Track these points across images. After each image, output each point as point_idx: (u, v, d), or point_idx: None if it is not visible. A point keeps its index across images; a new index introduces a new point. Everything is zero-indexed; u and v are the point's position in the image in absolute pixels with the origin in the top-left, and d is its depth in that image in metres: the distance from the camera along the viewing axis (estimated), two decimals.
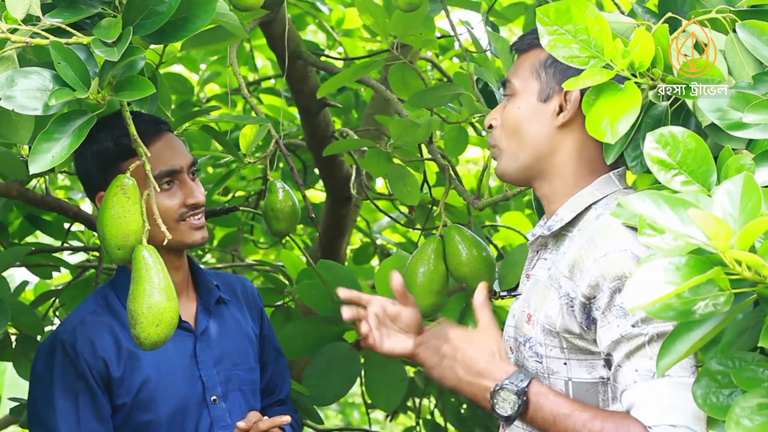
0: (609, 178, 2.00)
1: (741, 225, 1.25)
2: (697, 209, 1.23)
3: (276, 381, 2.67)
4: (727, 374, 1.45)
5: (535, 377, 1.93)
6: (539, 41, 1.98)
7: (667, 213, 1.27)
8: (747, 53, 1.65)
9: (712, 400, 1.47)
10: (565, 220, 1.99)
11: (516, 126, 2.02)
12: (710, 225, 1.22)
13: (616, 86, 1.63)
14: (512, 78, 2.05)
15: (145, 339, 1.93)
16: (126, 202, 1.96)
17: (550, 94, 1.99)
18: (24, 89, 1.79)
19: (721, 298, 1.31)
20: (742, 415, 1.34)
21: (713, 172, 1.48)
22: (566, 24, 1.65)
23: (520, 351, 2.01)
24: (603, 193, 1.98)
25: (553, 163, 2.01)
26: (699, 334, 1.40)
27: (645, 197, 1.30)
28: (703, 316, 1.32)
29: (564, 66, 1.94)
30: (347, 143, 3.25)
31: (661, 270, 1.28)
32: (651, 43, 1.58)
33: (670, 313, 1.33)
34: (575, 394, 1.94)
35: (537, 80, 2.01)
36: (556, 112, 1.99)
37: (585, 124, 1.94)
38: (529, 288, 2.05)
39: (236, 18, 2.08)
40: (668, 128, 1.51)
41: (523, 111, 2.01)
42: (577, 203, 1.99)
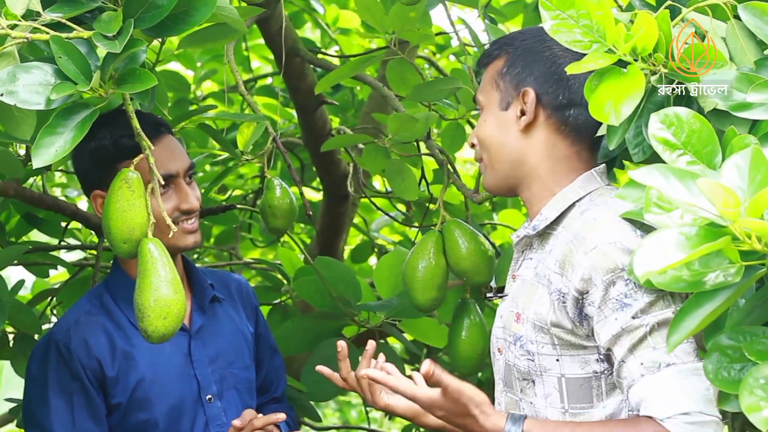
0: (591, 176, 2.01)
1: (750, 196, 1.25)
2: (705, 179, 1.23)
3: (271, 379, 2.67)
4: (738, 348, 1.46)
5: (528, 417, 1.92)
6: (496, 52, 2.05)
7: (675, 185, 1.28)
8: (748, 39, 1.66)
9: (723, 375, 1.47)
10: (550, 218, 2.00)
11: (486, 139, 2.05)
12: (719, 194, 1.22)
13: (618, 70, 1.64)
14: (478, 94, 2.08)
15: (153, 332, 1.93)
16: (131, 195, 1.96)
17: (510, 101, 2.02)
18: (26, 84, 1.79)
19: (731, 269, 1.32)
20: (755, 385, 1.35)
21: (718, 152, 1.48)
22: (569, 9, 1.65)
23: (510, 351, 2.01)
24: (586, 191, 2.00)
25: (527, 168, 2.03)
26: (708, 309, 1.40)
27: (652, 170, 1.30)
28: (713, 286, 1.32)
29: (517, 70, 2.01)
30: (345, 139, 3.26)
31: (672, 239, 1.28)
32: (654, 27, 1.59)
33: (681, 284, 1.33)
34: (569, 390, 1.94)
35: (497, 90, 2.04)
36: (517, 117, 2.01)
37: (551, 124, 1.99)
38: (516, 288, 2.05)
39: (236, 12, 2.08)
40: (672, 109, 1.51)
41: (489, 123, 2.04)
42: (561, 201, 2.00)
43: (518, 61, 2.01)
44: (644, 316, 1.81)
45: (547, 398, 1.96)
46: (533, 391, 1.98)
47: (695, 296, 1.43)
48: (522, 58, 2.01)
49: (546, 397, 1.96)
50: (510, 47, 2.04)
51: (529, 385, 1.98)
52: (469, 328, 2.68)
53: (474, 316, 2.69)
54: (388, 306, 3.01)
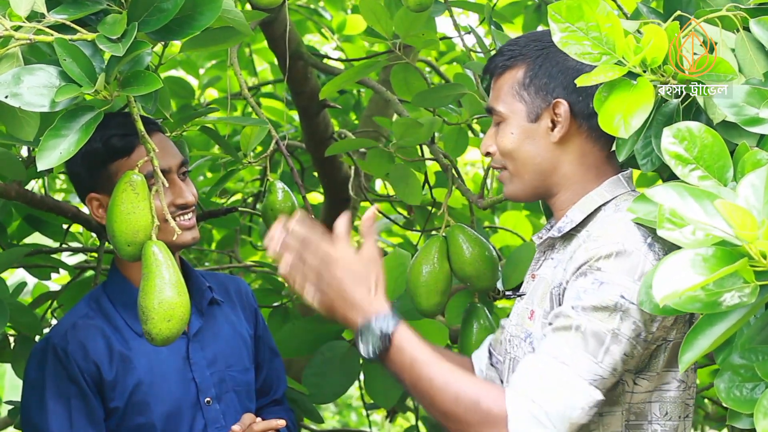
0: (618, 180, 2.02)
1: (766, 216, 1.25)
2: (722, 200, 1.23)
3: (271, 381, 2.66)
4: (750, 368, 1.45)
5: (403, 325, 1.90)
6: (510, 61, 2.03)
7: (690, 204, 1.28)
8: (757, 50, 1.66)
9: (735, 393, 1.47)
10: (575, 221, 2.01)
11: (513, 151, 2.04)
12: (737, 216, 1.22)
13: (628, 82, 1.64)
14: (495, 105, 2.06)
15: (156, 335, 1.93)
16: (135, 198, 1.96)
17: (539, 113, 2.02)
18: (30, 86, 1.78)
19: (746, 290, 1.31)
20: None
21: (730, 167, 1.48)
22: (578, 21, 1.65)
23: (520, 347, 2.03)
24: (612, 195, 2.01)
25: (558, 177, 2.04)
26: (722, 329, 1.40)
27: (668, 189, 1.30)
28: (729, 308, 1.31)
29: (542, 81, 2.00)
30: (348, 143, 3.25)
31: (688, 261, 1.28)
32: (663, 39, 1.59)
33: (696, 305, 1.33)
34: None
35: (521, 102, 2.03)
36: (549, 128, 2.01)
37: (583, 132, 1.99)
38: (533, 287, 2.07)
39: (242, 15, 2.08)
40: (685, 123, 1.52)
41: (517, 135, 2.03)
42: (587, 204, 2.01)
43: (542, 72, 2.01)
44: (582, 314, 1.82)
45: None
46: None
47: (708, 315, 1.43)
48: (545, 68, 2.01)
49: None
50: (526, 57, 2.03)
51: None
52: (479, 333, 2.68)
53: (483, 320, 2.70)
54: None
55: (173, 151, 2.40)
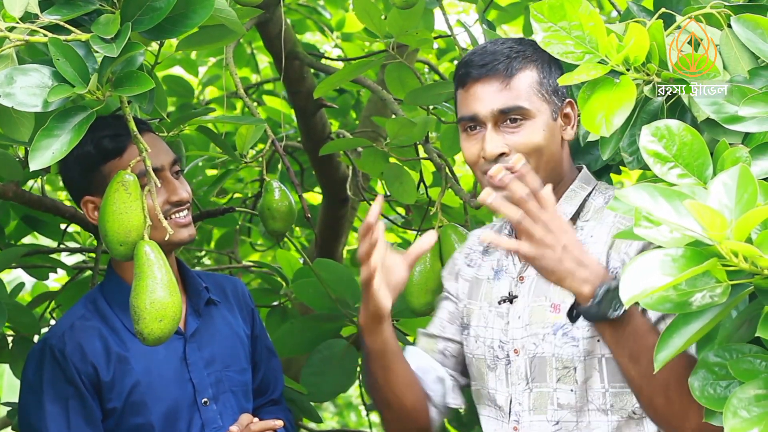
0: (587, 173, 2.15)
1: (737, 216, 1.26)
2: (692, 200, 1.24)
3: (269, 381, 2.66)
4: (724, 366, 1.46)
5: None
6: (524, 62, 2.06)
7: (662, 205, 1.28)
8: (742, 48, 1.66)
9: (709, 391, 1.47)
10: (569, 213, 2.09)
11: (544, 147, 2.06)
12: (706, 216, 1.23)
13: (611, 81, 1.64)
14: (521, 103, 2.05)
15: (148, 335, 1.93)
16: (127, 198, 1.97)
17: (557, 112, 2.09)
18: (23, 86, 1.79)
19: (717, 289, 1.32)
20: (739, 406, 1.35)
21: (709, 165, 1.49)
22: (560, 20, 1.66)
23: (547, 342, 2.04)
24: (590, 185, 2.13)
25: (557, 174, 2.11)
26: (696, 327, 1.40)
27: (640, 190, 1.31)
28: (700, 307, 1.32)
29: (553, 82, 2.05)
30: (344, 142, 3.26)
31: (657, 262, 1.28)
32: (645, 37, 1.59)
33: (667, 305, 1.33)
34: (609, 370, 2.00)
35: (545, 101, 2.07)
36: (562, 127, 2.10)
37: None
38: (532, 285, 2.10)
39: (235, 14, 2.09)
40: (664, 121, 1.52)
41: (548, 132, 2.07)
42: (573, 198, 2.11)
43: (552, 72, 2.08)
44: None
45: (587, 381, 2.01)
46: (573, 378, 2.02)
47: (683, 314, 1.43)
48: (554, 69, 2.08)
49: (586, 381, 2.01)
50: (535, 59, 2.07)
51: (569, 373, 2.03)
52: None
53: None
54: None
55: (165, 150, 2.40)
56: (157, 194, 2.31)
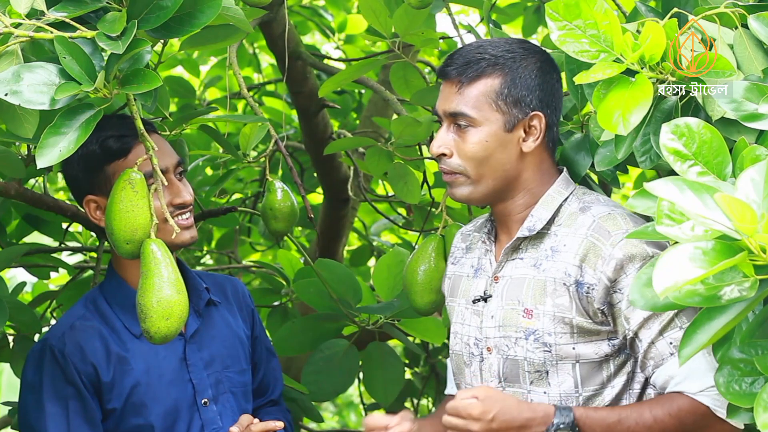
0: (566, 178, 2.15)
1: (766, 210, 1.25)
2: (722, 193, 1.23)
3: (268, 381, 2.66)
4: (749, 362, 1.47)
5: (575, 407, 2.01)
6: (485, 70, 2.06)
7: (690, 198, 1.28)
8: (756, 47, 1.67)
9: (734, 388, 1.48)
10: (545, 219, 2.09)
11: (485, 157, 2.07)
12: (736, 209, 1.22)
13: (626, 79, 1.65)
14: (465, 109, 2.07)
15: (155, 333, 1.93)
16: (134, 196, 1.96)
17: (515, 123, 2.07)
18: (30, 84, 1.79)
19: (746, 284, 1.32)
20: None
21: (728, 163, 1.49)
22: (575, 19, 1.66)
23: (519, 346, 2.06)
24: (568, 191, 2.12)
25: (518, 183, 2.11)
26: (721, 323, 1.41)
27: (668, 182, 1.31)
28: (728, 301, 1.32)
29: (521, 93, 2.05)
30: (346, 142, 3.26)
31: (688, 255, 1.28)
32: (662, 35, 1.59)
33: (696, 299, 1.33)
34: (582, 375, 2.03)
35: (498, 111, 2.07)
36: (521, 138, 2.08)
37: (543, 141, 2.07)
38: (506, 287, 2.12)
39: (242, 13, 2.08)
40: (684, 119, 1.52)
41: (492, 143, 2.07)
42: (550, 203, 2.11)
43: (520, 83, 2.06)
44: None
45: (560, 386, 2.04)
46: (546, 381, 2.05)
47: (707, 309, 1.44)
48: (522, 79, 2.06)
49: (560, 385, 2.04)
50: (502, 66, 2.07)
51: (542, 376, 2.06)
52: None
53: None
54: (388, 307, 3.01)
55: (169, 151, 2.40)
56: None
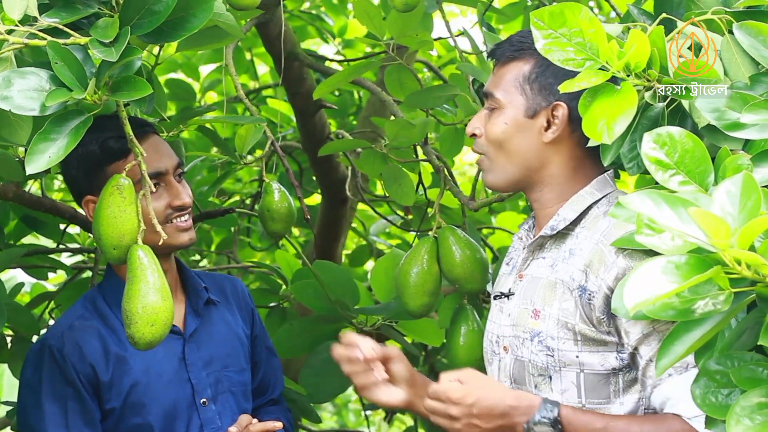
0: (605, 179, 2.05)
1: (741, 224, 1.26)
2: (696, 208, 1.23)
3: (268, 381, 2.66)
4: (725, 374, 1.46)
5: (562, 405, 1.95)
6: (519, 53, 2.04)
7: (665, 212, 1.28)
8: (743, 54, 1.66)
9: (710, 399, 1.47)
10: (569, 219, 2.03)
11: (503, 141, 2.05)
12: (710, 223, 1.22)
13: (611, 87, 1.64)
14: (494, 91, 2.07)
15: (140, 339, 1.93)
16: (122, 201, 1.96)
17: (537, 110, 2.03)
18: (21, 89, 1.79)
19: (720, 297, 1.32)
20: (742, 414, 1.35)
21: (711, 172, 1.48)
22: (561, 27, 1.65)
23: (525, 347, 2.03)
24: (602, 193, 2.04)
25: (543, 175, 2.06)
26: (697, 335, 1.40)
27: (643, 196, 1.31)
28: (702, 315, 1.32)
29: (548, 80, 2.01)
30: (343, 143, 3.26)
31: (660, 269, 1.28)
32: (646, 43, 1.58)
33: (670, 312, 1.33)
34: (586, 386, 1.97)
35: (522, 95, 2.03)
36: (543, 128, 2.03)
37: (575, 137, 2.01)
38: (526, 286, 2.07)
39: (233, 18, 2.08)
40: (666, 128, 1.51)
41: (511, 127, 2.04)
42: (579, 203, 2.03)
43: (549, 71, 2.02)
44: None
45: (563, 393, 1.99)
46: (549, 387, 2.01)
47: (684, 321, 1.43)
48: (553, 68, 1.99)
49: (562, 392, 1.99)
50: (534, 51, 1.98)
51: (545, 381, 2.01)
52: (466, 335, 2.68)
53: (472, 322, 2.70)
54: (386, 309, 3.01)
55: (169, 153, 2.40)
56: (158, 198, 2.33)
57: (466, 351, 2.68)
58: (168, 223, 2.35)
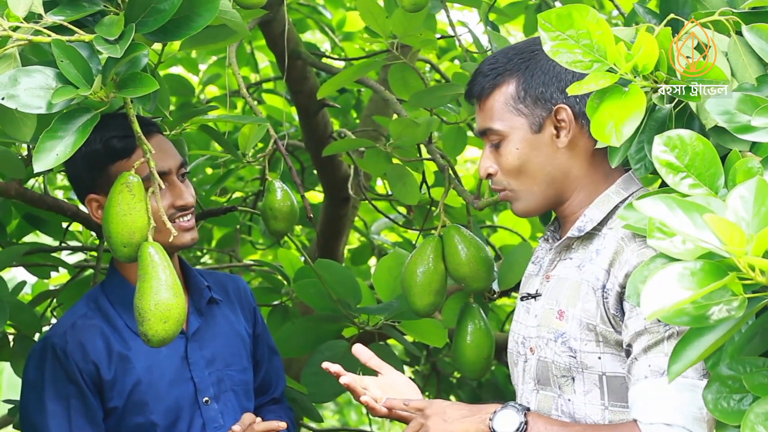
0: (630, 177, 2.04)
1: (755, 229, 1.25)
2: (712, 214, 1.23)
3: (270, 380, 2.66)
4: (738, 379, 1.45)
5: (531, 411, 1.99)
6: (498, 79, 2.03)
7: (680, 217, 1.27)
8: (750, 55, 1.66)
9: (722, 405, 1.47)
10: (596, 220, 2.02)
11: (521, 165, 2.03)
12: (725, 230, 1.21)
13: (619, 89, 1.63)
14: (491, 125, 2.05)
15: (153, 336, 1.93)
16: (131, 199, 1.96)
17: (541, 122, 2.01)
18: (27, 88, 1.79)
19: (734, 303, 1.31)
20: (756, 422, 1.34)
21: (721, 175, 1.48)
22: (568, 29, 1.64)
23: (549, 348, 2.02)
24: (628, 192, 2.03)
25: (570, 182, 2.04)
26: (710, 340, 1.39)
27: (658, 201, 1.30)
28: (717, 321, 1.31)
29: (538, 90, 2.00)
30: (346, 143, 3.26)
31: (676, 275, 1.27)
32: (654, 45, 1.58)
33: (684, 319, 1.32)
34: (609, 388, 1.96)
35: (520, 116, 2.02)
36: (554, 135, 2.01)
37: (586, 132, 1.99)
38: (552, 287, 2.06)
39: (239, 16, 2.08)
40: (676, 131, 1.51)
41: (523, 149, 2.02)
42: (605, 203, 2.02)
43: (535, 81, 2.01)
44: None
45: (586, 395, 1.98)
46: (572, 388, 2.00)
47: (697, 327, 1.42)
48: (537, 77, 2.00)
49: (585, 394, 1.98)
50: (513, 71, 2.02)
51: (568, 382, 2.00)
52: (473, 333, 2.69)
53: (478, 321, 2.70)
54: (388, 309, 3.01)
55: (173, 153, 2.40)
56: (161, 198, 2.32)
57: (474, 350, 2.68)
58: (171, 223, 2.35)
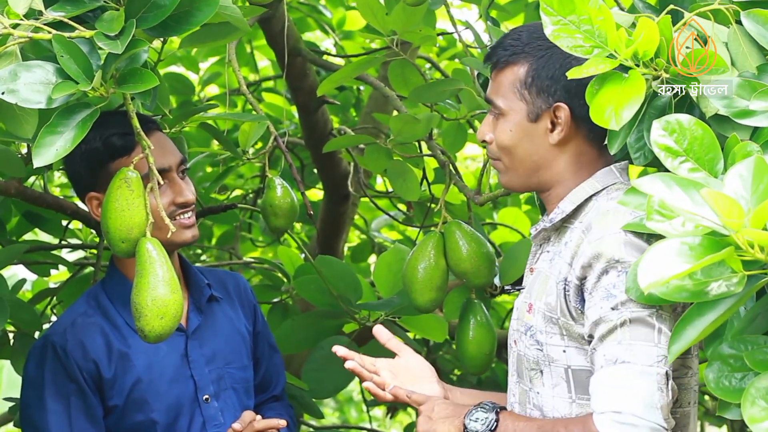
0: (610, 170, 2.03)
1: (753, 206, 1.26)
2: (709, 189, 1.23)
3: (270, 377, 2.66)
4: (739, 358, 1.46)
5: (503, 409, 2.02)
6: (513, 57, 2.03)
7: (678, 194, 1.28)
8: (750, 44, 1.66)
9: (724, 383, 1.47)
10: (566, 211, 2.02)
11: (511, 147, 2.05)
12: (723, 205, 1.22)
13: (619, 75, 1.64)
14: (495, 98, 2.07)
15: (149, 332, 1.93)
16: (130, 195, 1.97)
17: (539, 114, 2.02)
18: (27, 83, 1.79)
19: (734, 279, 1.32)
20: (757, 396, 1.35)
21: (720, 159, 1.49)
22: (570, 14, 1.66)
23: (522, 341, 2.04)
24: (603, 185, 2.02)
25: (552, 174, 2.05)
26: (710, 318, 1.40)
27: (655, 179, 1.31)
28: (716, 296, 1.32)
29: (545, 83, 2.00)
30: (346, 140, 3.26)
31: (674, 250, 1.28)
32: (655, 32, 1.59)
33: (683, 294, 1.33)
34: (576, 381, 1.97)
35: (522, 100, 2.03)
36: (548, 129, 2.02)
37: (581, 136, 2.00)
38: (531, 280, 2.08)
39: (239, 11, 2.08)
40: (675, 116, 1.52)
41: (515, 133, 2.04)
42: (578, 195, 2.03)
43: (545, 73, 2.01)
44: (622, 309, 1.83)
45: (554, 388, 1.99)
46: (541, 381, 2.01)
47: (697, 305, 1.43)
48: (548, 69, 2.00)
49: (553, 387, 1.99)
50: (529, 55, 2.02)
51: (537, 375, 2.01)
52: (475, 329, 2.69)
53: (480, 316, 2.70)
54: (389, 304, 3.01)
55: (173, 150, 2.40)
56: (162, 195, 2.32)
57: (476, 345, 2.69)
58: (171, 220, 2.35)
